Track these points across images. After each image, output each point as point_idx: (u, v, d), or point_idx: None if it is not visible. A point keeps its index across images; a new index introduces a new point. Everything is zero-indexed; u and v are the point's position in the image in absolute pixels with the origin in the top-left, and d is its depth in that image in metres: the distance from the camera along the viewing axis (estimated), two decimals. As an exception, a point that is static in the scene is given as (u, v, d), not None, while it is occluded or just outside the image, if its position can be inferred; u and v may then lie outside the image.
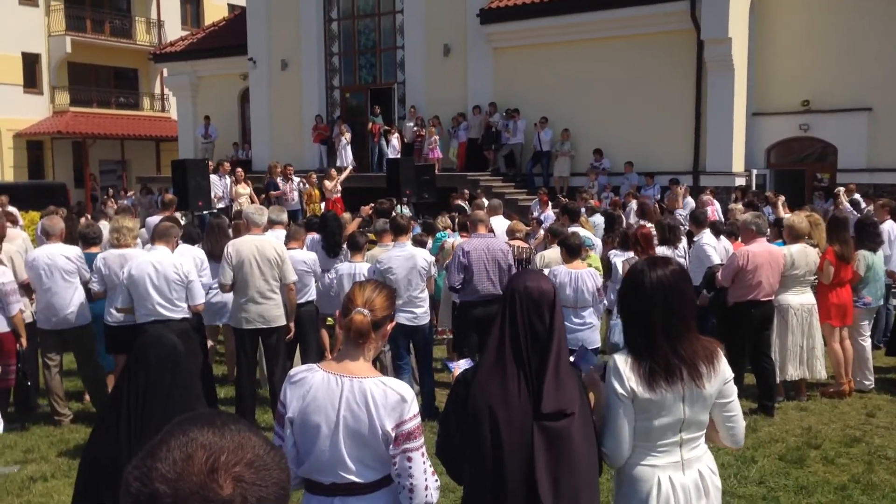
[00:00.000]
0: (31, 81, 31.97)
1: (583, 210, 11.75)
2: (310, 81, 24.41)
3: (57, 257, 7.48)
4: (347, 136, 21.74)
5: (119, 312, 6.99)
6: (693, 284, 3.39)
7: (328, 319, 8.75)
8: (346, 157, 21.46)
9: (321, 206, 17.29)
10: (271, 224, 8.35)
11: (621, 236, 8.55)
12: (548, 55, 20.63)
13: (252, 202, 16.22)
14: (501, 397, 2.93)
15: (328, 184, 17.94)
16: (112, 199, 21.90)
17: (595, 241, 9.64)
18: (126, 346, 6.15)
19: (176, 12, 36.20)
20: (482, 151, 21.15)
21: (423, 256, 7.71)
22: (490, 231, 8.57)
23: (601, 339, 8.11)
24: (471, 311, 7.64)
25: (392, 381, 2.93)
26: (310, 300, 8.07)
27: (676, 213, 14.30)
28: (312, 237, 9.52)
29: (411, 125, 21.88)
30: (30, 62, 31.79)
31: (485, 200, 13.59)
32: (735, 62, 18.58)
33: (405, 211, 15.64)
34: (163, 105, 36.07)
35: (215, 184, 16.99)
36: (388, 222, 8.25)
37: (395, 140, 21.56)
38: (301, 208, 18.06)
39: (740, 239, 8.39)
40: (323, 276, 8.15)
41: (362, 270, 7.62)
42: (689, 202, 15.81)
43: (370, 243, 9.25)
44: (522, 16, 20.61)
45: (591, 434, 3.01)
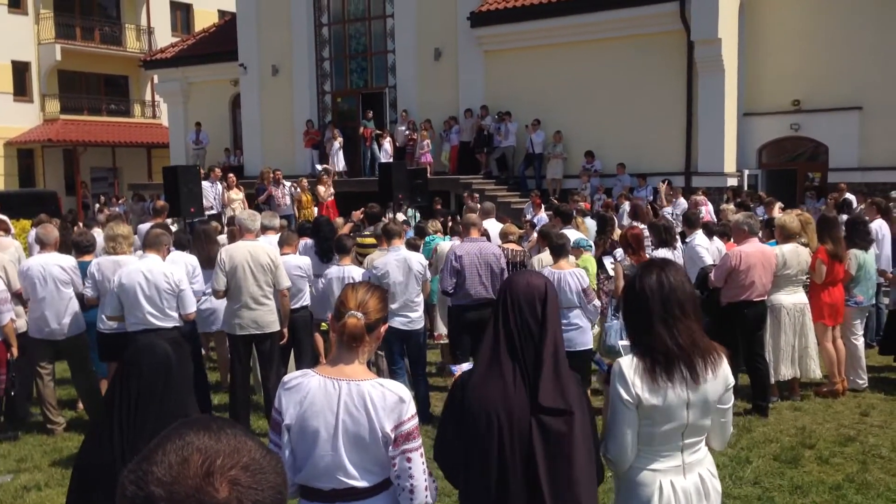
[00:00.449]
0: (21, 90, 31.87)
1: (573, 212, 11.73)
2: (301, 86, 24.40)
3: (51, 267, 7.45)
4: (339, 141, 21.74)
5: (109, 320, 6.95)
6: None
7: (322, 324, 8.74)
8: (338, 162, 21.46)
9: (314, 211, 17.28)
10: (264, 230, 8.33)
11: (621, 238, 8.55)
12: (538, 58, 20.67)
13: (245, 208, 16.19)
14: (498, 398, 2.93)
15: (321, 188, 17.93)
16: (106, 207, 21.84)
17: (591, 243, 9.65)
18: (119, 354, 6.11)
19: (166, 19, 36.14)
20: (474, 155, 21.18)
21: (419, 260, 7.71)
22: (484, 234, 8.56)
23: (595, 341, 8.12)
24: (464, 315, 7.65)
25: (389, 383, 2.92)
26: (304, 305, 8.05)
27: (664, 212, 14.25)
28: (305, 242, 9.51)
29: (403, 129, 21.90)
30: (19, 70, 31.69)
31: (477, 204, 13.59)
32: (725, 62, 18.64)
33: (410, 214, 15.67)
34: (154, 112, 36.00)
35: (206, 190, 16.96)
36: (382, 227, 8.26)
37: (387, 144, 21.56)
38: (293, 213, 18.03)
39: (733, 239, 8.40)
40: (316, 282, 8.14)
41: (351, 273, 7.62)
42: (682, 202, 15.81)
43: (371, 247, 9.25)
44: (513, 19, 20.66)
45: (592, 435, 3.01)
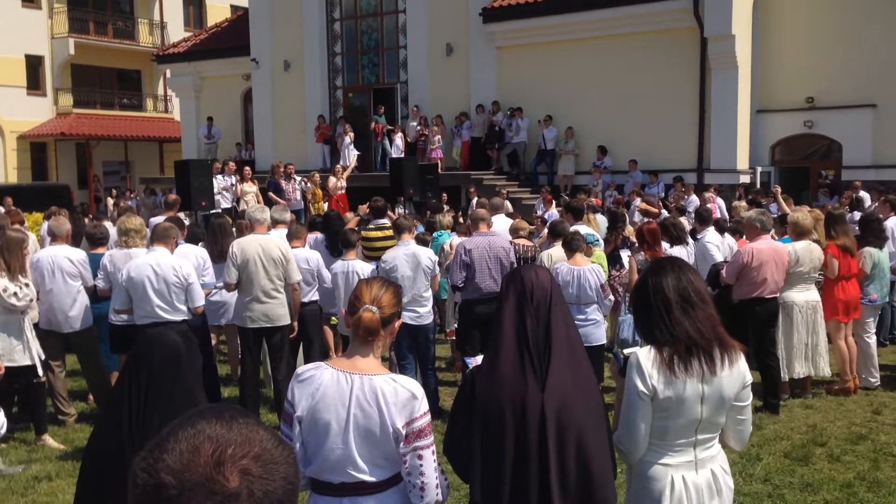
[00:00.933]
0: (35, 83, 32.00)
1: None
2: (312, 81, 24.42)
3: (61, 259, 7.46)
4: (351, 136, 21.76)
5: (117, 314, 6.97)
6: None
7: (332, 318, 8.76)
8: (350, 157, 21.48)
9: (324, 206, 17.30)
10: (275, 223, 8.34)
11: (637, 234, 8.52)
12: (551, 53, 20.61)
13: (258, 201, 16.25)
14: (511, 390, 2.93)
15: (332, 180, 17.94)
16: (121, 200, 21.91)
17: (598, 238, 9.63)
18: (131, 346, 6.13)
19: (179, 14, 36.22)
20: (485, 150, 21.15)
21: (428, 255, 7.70)
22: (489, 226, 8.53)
23: (608, 336, 8.12)
24: (473, 309, 7.65)
25: (402, 379, 2.90)
26: (314, 299, 8.07)
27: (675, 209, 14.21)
28: (316, 236, 9.52)
29: (414, 125, 21.89)
30: (33, 64, 31.81)
31: (483, 200, 13.55)
32: (739, 59, 18.53)
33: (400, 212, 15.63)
34: (166, 106, 36.10)
35: (219, 184, 17.03)
36: (393, 222, 8.25)
37: (399, 140, 21.57)
38: (305, 207, 18.07)
39: (745, 236, 8.36)
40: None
41: (355, 268, 7.65)
42: (694, 200, 15.78)
43: (376, 240, 9.24)
44: (525, 14, 20.59)
45: (605, 424, 3.01)
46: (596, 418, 3.00)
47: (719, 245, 9.11)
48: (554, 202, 15.54)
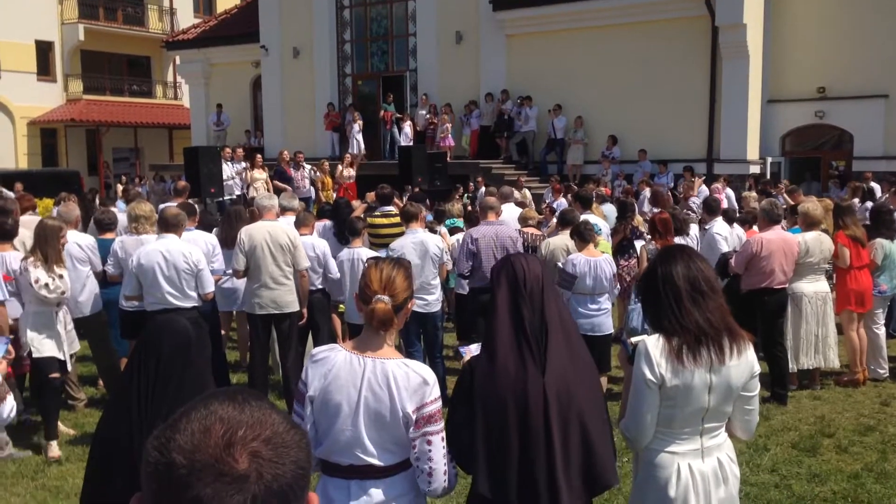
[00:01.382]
0: (45, 69, 32.08)
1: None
2: (322, 69, 24.38)
3: (70, 244, 7.45)
4: (360, 124, 21.73)
5: (127, 300, 6.98)
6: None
7: (340, 306, 8.77)
8: (358, 145, 21.46)
9: (333, 194, 17.31)
10: (283, 211, 8.35)
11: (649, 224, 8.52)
12: (561, 42, 20.52)
13: (268, 188, 16.28)
14: (511, 377, 2.93)
15: (340, 169, 17.93)
16: (130, 185, 21.91)
17: (603, 228, 9.61)
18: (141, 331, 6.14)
19: (188, 0, 36.21)
20: (494, 139, 21.11)
21: (436, 242, 7.70)
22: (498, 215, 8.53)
23: (616, 324, 8.12)
24: (479, 298, 7.65)
25: (415, 364, 2.90)
26: (321, 287, 8.08)
27: (690, 202, 14.22)
28: (325, 224, 9.52)
29: (423, 113, 21.85)
30: (43, 50, 31.88)
31: (492, 189, 13.51)
32: (750, 48, 18.43)
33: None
34: (175, 93, 36.14)
35: (228, 171, 17.06)
36: (401, 210, 8.24)
37: (408, 128, 21.54)
38: (315, 195, 18.09)
39: (756, 226, 8.33)
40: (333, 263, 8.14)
41: (361, 256, 7.65)
42: (704, 191, 15.72)
43: (382, 227, 9.24)
44: (535, 2, 20.51)
45: (603, 406, 3.03)
46: (595, 400, 3.03)
47: (727, 236, 9.08)
48: (562, 191, 15.51)
